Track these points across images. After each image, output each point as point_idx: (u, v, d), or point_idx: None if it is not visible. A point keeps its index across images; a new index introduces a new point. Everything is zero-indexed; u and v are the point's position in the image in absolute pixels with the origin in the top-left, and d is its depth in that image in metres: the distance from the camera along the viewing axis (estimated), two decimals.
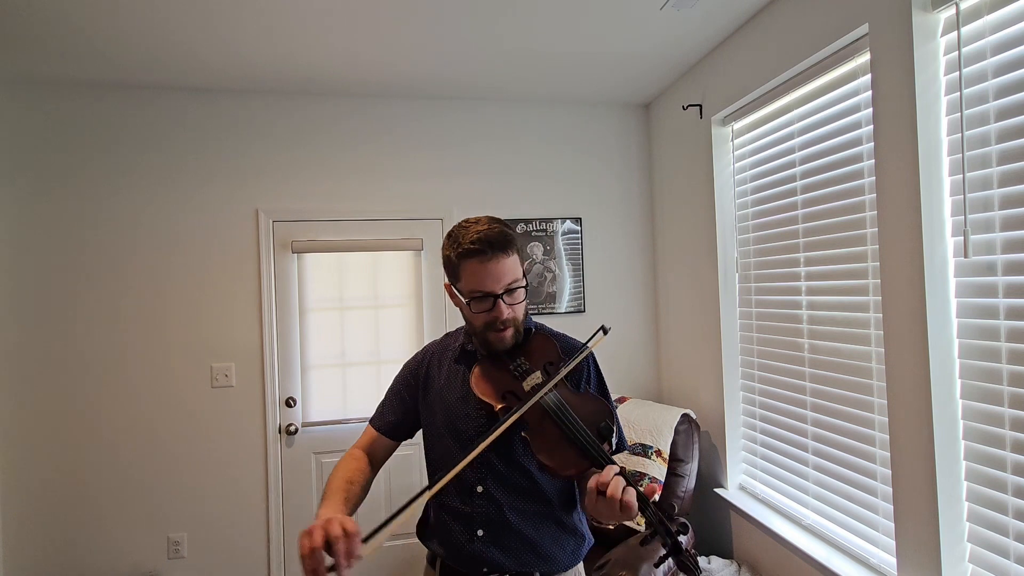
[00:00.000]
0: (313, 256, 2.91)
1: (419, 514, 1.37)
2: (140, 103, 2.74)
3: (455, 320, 3.00)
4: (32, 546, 2.61)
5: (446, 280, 1.25)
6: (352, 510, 1.14)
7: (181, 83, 2.72)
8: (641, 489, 1.00)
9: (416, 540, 1.34)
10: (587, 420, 1.09)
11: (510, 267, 1.16)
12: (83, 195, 2.69)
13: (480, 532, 1.21)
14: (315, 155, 2.92)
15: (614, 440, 1.10)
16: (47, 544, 2.62)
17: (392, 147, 3.00)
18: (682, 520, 0.99)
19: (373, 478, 1.33)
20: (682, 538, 0.98)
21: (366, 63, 2.58)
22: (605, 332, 1.20)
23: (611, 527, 1.03)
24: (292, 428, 2.86)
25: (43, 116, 2.66)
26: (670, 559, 1.01)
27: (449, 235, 1.22)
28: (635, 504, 0.97)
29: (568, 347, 1.29)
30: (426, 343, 1.43)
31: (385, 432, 1.37)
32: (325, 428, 2.90)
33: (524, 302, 1.21)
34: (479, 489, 1.22)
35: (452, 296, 1.25)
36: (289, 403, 2.87)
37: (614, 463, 1.04)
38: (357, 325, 2.95)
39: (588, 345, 1.19)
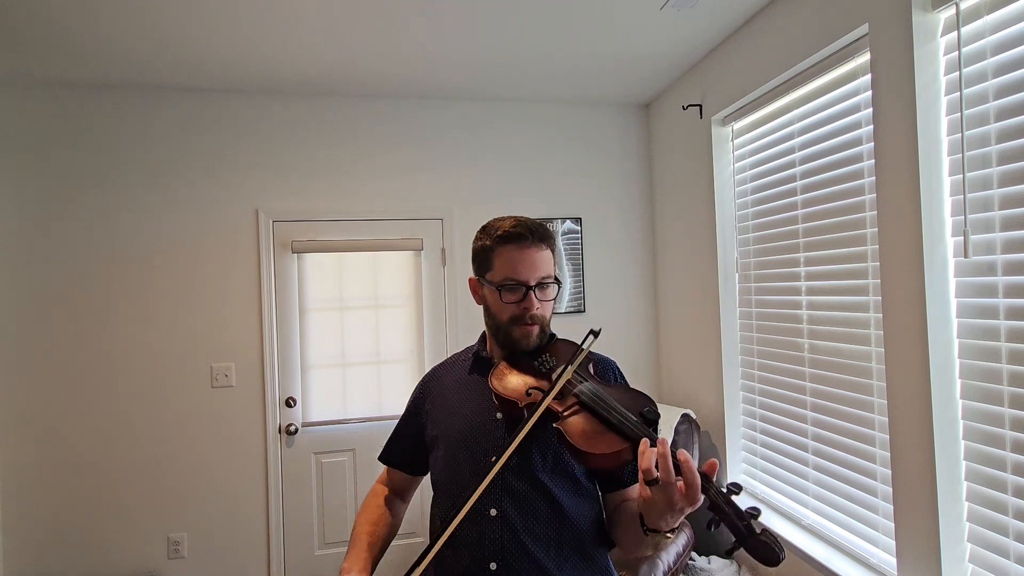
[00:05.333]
0: (313, 256, 2.91)
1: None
2: (139, 103, 2.74)
3: (455, 319, 3.00)
4: (32, 546, 2.61)
5: (471, 276, 1.22)
6: (378, 555, 1.16)
7: (180, 83, 2.72)
8: (702, 470, 0.84)
9: (415, 539, 1.30)
10: (628, 406, 0.99)
11: (546, 260, 1.14)
12: (83, 195, 2.69)
13: (493, 565, 1.05)
14: (315, 155, 2.92)
15: (659, 424, 0.99)
16: (47, 544, 2.62)
17: (392, 147, 3.00)
18: (752, 505, 0.81)
19: (403, 511, 1.35)
20: (754, 521, 0.79)
21: (366, 63, 2.58)
22: (596, 336, 1.10)
23: (669, 535, 0.88)
24: (292, 428, 2.86)
25: (43, 116, 2.66)
26: (744, 546, 0.79)
27: (484, 228, 1.19)
28: (698, 481, 0.81)
29: (590, 356, 1.21)
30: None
31: (392, 464, 1.33)
32: (325, 428, 2.90)
33: (552, 302, 1.17)
34: (492, 512, 1.07)
35: (475, 291, 1.21)
36: (289, 403, 2.87)
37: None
38: (357, 325, 2.95)
39: (583, 347, 1.11)
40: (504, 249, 1.13)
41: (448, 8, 2.12)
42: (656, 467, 0.83)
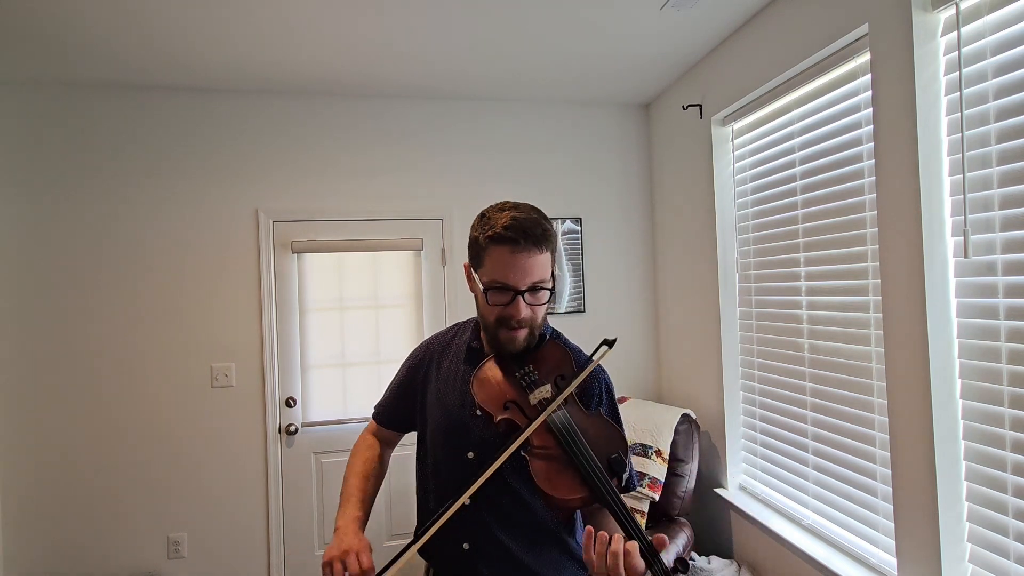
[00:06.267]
0: (313, 256, 2.91)
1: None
2: (140, 104, 2.74)
3: (455, 319, 2.99)
4: (32, 546, 2.61)
5: (466, 261, 1.17)
6: (369, 509, 1.21)
7: (181, 83, 2.72)
8: (650, 539, 0.88)
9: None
10: (597, 447, 0.98)
11: (540, 264, 1.06)
12: (83, 195, 2.69)
13: (466, 545, 1.14)
14: (315, 155, 2.92)
15: (624, 476, 0.99)
16: (47, 544, 2.62)
17: (392, 147, 3.00)
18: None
19: (390, 455, 1.39)
20: None
21: (365, 63, 2.58)
22: (610, 346, 1.06)
23: None
24: (292, 428, 2.86)
25: (44, 116, 2.66)
26: None
27: (482, 215, 1.12)
28: (642, 569, 0.85)
29: (582, 364, 1.17)
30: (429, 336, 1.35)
31: (386, 424, 1.36)
32: (325, 428, 2.90)
33: (545, 305, 1.11)
34: (466, 502, 1.10)
35: (469, 279, 1.16)
36: (289, 403, 2.87)
37: (621, 502, 0.93)
38: (357, 325, 2.95)
39: (594, 359, 1.07)
40: (495, 249, 1.06)
41: (447, 8, 2.12)
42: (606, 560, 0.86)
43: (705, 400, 2.77)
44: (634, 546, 0.86)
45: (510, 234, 1.04)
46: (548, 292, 1.09)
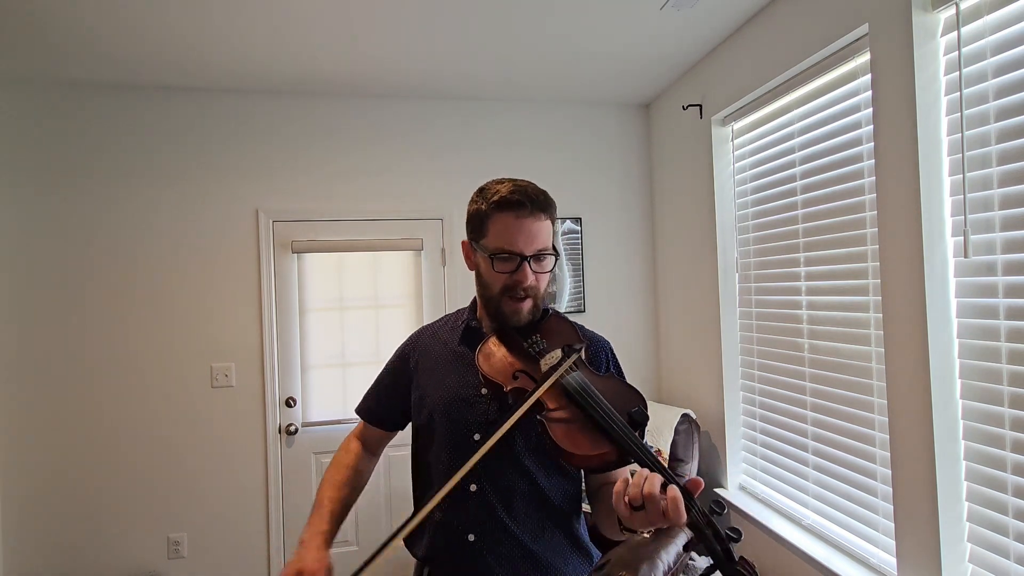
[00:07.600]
0: (313, 256, 2.91)
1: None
2: (140, 103, 2.74)
3: None
4: (32, 546, 2.61)
5: (464, 238, 1.16)
6: (339, 521, 1.15)
7: (181, 83, 2.72)
8: (683, 483, 0.82)
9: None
10: (615, 403, 0.94)
11: (544, 230, 1.07)
12: (83, 195, 2.69)
13: (471, 537, 1.07)
14: (315, 155, 2.92)
15: (645, 428, 0.94)
16: (47, 544, 2.62)
17: (392, 147, 3.00)
18: (732, 526, 0.80)
19: (372, 467, 1.31)
20: (733, 545, 0.79)
21: (365, 64, 2.57)
22: (578, 352, 1.04)
23: (647, 533, 0.88)
24: (292, 428, 2.86)
25: (43, 116, 2.65)
26: (720, 570, 0.79)
27: (480, 190, 1.13)
28: (682, 504, 0.79)
29: (585, 334, 1.17)
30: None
31: (370, 420, 1.29)
32: (325, 428, 2.90)
33: (549, 274, 1.10)
34: (472, 488, 1.07)
35: (468, 256, 1.16)
36: (289, 403, 2.87)
37: (649, 452, 0.87)
38: (357, 325, 2.95)
39: (576, 348, 1.04)
40: (500, 216, 1.06)
41: (447, 9, 2.12)
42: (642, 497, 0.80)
43: (705, 400, 2.77)
44: (674, 488, 0.80)
45: (516, 197, 1.05)
46: (553, 260, 1.10)
